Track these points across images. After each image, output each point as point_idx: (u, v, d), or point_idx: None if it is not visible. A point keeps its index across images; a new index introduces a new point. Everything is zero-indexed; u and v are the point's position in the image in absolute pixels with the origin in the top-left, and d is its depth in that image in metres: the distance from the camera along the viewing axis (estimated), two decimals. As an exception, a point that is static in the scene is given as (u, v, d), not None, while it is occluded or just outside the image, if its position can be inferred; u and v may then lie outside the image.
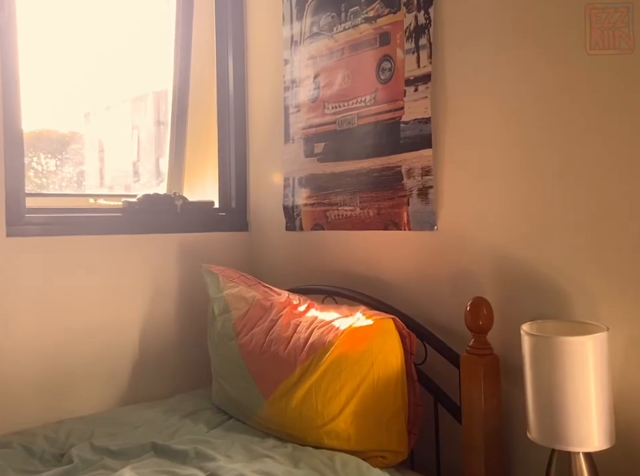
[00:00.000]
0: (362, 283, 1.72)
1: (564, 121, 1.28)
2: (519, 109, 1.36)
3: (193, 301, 2.00)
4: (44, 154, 2.68)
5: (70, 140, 2.81)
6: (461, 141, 1.49)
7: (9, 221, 1.68)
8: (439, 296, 1.53)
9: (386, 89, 1.66)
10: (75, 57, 2.47)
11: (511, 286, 1.38)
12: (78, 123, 2.83)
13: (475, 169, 1.46)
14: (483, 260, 1.43)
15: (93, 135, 2.88)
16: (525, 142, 1.35)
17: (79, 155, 2.83)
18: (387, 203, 1.66)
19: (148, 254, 1.95)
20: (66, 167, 2.76)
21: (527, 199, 1.35)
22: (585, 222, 1.25)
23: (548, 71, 1.31)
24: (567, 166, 1.28)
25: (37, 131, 2.64)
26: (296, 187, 1.98)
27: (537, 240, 1.33)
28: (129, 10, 2.54)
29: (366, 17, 1.71)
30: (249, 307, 1.66)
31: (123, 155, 2.88)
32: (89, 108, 2.81)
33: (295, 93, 1.98)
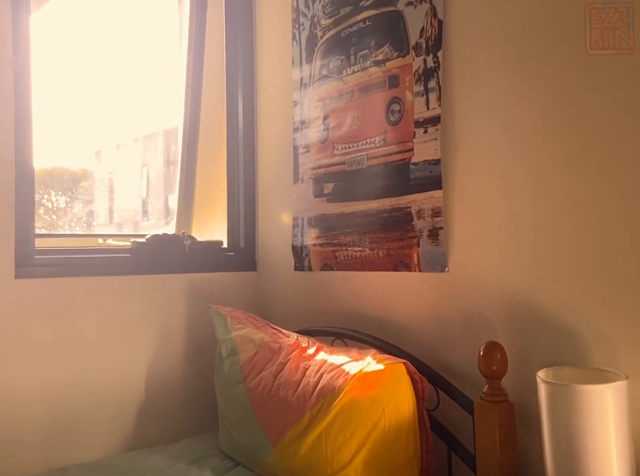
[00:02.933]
0: (372, 324, 1.69)
1: (574, 156, 1.28)
2: (529, 148, 1.36)
3: (200, 343, 1.97)
4: (54, 191, 2.70)
5: (80, 177, 2.83)
6: (471, 182, 1.48)
7: (18, 262, 1.68)
8: (451, 339, 1.50)
9: (395, 131, 1.66)
10: (87, 96, 2.52)
11: (525, 330, 1.35)
12: (89, 161, 2.87)
13: (486, 210, 1.45)
14: (495, 302, 1.41)
15: (104, 173, 2.91)
16: (536, 182, 1.34)
17: (89, 192, 2.85)
18: (397, 244, 1.65)
19: (156, 295, 1.94)
20: (76, 204, 2.78)
21: (540, 240, 1.33)
22: (601, 264, 1.23)
23: (558, 109, 1.30)
24: (579, 207, 1.26)
25: (48, 169, 2.67)
26: (305, 227, 1.98)
27: (551, 282, 1.31)
28: (141, 49, 2.60)
29: (375, 61, 1.73)
30: (257, 349, 1.63)
31: (132, 192, 2.90)
32: (100, 146, 2.84)
33: (305, 133, 1.99)
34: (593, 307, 1.24)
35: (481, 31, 1.46)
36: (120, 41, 2.59)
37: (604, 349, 1.21)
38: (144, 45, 2.62)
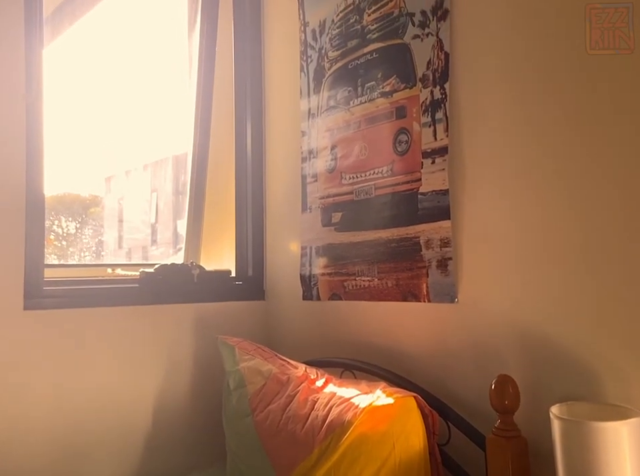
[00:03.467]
0: (381, 355, 1.68)
1: (584, 179, 1.27)
2: (538, 180, 1.35)
3: (208, 374, 1.95)
4: (65, 217, 2.72)
5: (90, 203, 2.86)
6: (480, 212, 1.48)
7: (27, 294, 1.68)
8: (462, 372, 1.48)
9: (403, 161, 1.67)
10: (99, 122, 2.55)
11: (537, 363, 1.33)
12: (99, 187, 2.89)
13: (496, 240, 1.44)
14: (506, 334, 1.39)
15: (113, 198, 2.93)
16: (547, 211, 1.33)
17: (98, 218, 2.87)
18: (406, 274, 1.64)
19: (164, 325, 1.93)
20: (86, 230, 2.80)
21: (552, 271, 1.32)
22: (616, 297, 1.21)
23: (566, 138, 1.30)
24: (591, 236, 1.26)
25: (59, 195, 2.70)
26: (313, 256, 1.97)
27: (564, 315, 1.29)
28: (151, 78, 2.64)
29: (382, 92, 1.74)
30: (265, 381, 1.61)
31: (142, 218, 2.91)
32: (111, 172, 2.87)
33: (312, 163, 2.00)
34: (607, 340, 1.22)
35: (487, 63, 1.47)
36: (130, 69, 2.63)
37: (618, 383, 1.19)
38: (154, 73, 2.66)
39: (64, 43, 2.51)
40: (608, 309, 1.22)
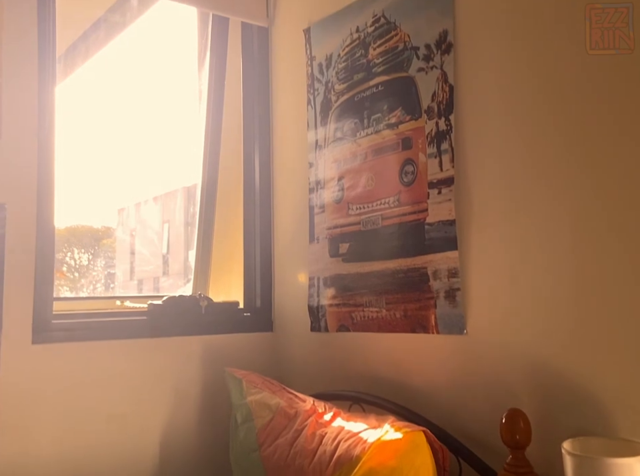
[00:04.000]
0: (390, 388, 1.66)
1: (592, 209, 1.26)
2: (547, 209, 1.35)
3: (215, 407, 1.93)
4: (77, 249, 2.74)
5: (103, 235, 2.88)
6: (487, 243, 1.47)
7: (36, 327, 1.68)
8: (472, 405, 1.46)
9: (409, 191, 1.67)
10: (111, 155, 2.60)
11: (548, 396, 1.31)
12: (111, 218, 2.92)
13: (504, 271, 1.43)
14: (517, 367, 1.37)
15: (125, 230, 2.95)
16: (557, 244, 1.33)
17: (111, 249, 2.89)
18: (414, 305, 1.63)
19: (171, 358, 1.92)
20: (98, 261, 2.82)
21: (563, 304, 1.30)
22: (629, 331, 1.19)
23: (572, 162, 1.30)
24: (602, 268, 1.24)
25: (72, 227, 2.73)
26: (321, 287, 1.97)
27: (575, 347, 1.27)
28: (162, 112, 2.69)
29: (388, 124, 1.76)
30: (273, 415, 1.60)
31: (153, 249, 2.93)
32: (123, 203, 2.90)
33: (320, 194, 2.01)
34: (620, 374, 1.20)
35: (491, 94, 1.49)
36: (142, 103, 2.68)
37: (631, 418, 1.16)
38: (165, 108, 2.71)
39: (77, 79, 2.58)
40: (620, 343, 1.20)
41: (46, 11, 1.74)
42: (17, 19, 1.68)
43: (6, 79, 1.66)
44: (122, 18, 2.57)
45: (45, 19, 1.74)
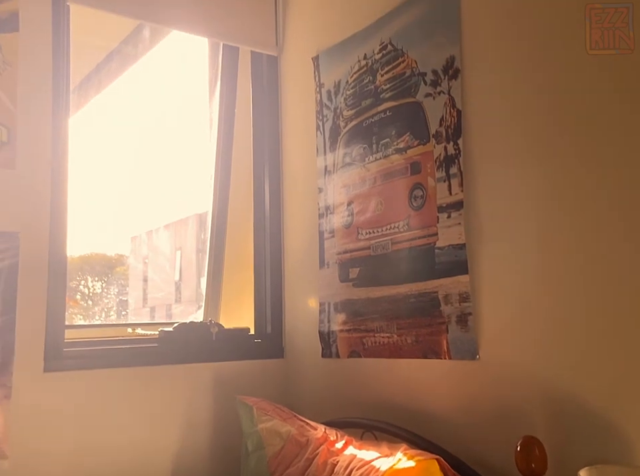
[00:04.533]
0: (402, 415, 1.63)
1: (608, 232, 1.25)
2: (556, 232, 1.34)
3: (227, 434, 1.92)
4: (91, 277, 2.77)
5: (116, 262, 2.90)
6: (499, 266, 1.46)
7: (47, 356, 1.69)
8: (486, 432, 1.43)
9: (419, 216, 1.67)
10: (124, 184, 2.63)
11: (564, 423, 1.28)
12: (124, 246, 2.95)
13: (518, 295, 1.41)
14: (531, 393, 1.35)
15: (138, 257, 2.98)
16: (570, 268, 1.31)
17: (124, 276, 2.91)
18: (425, 330, 1.62)
19: (182, 385, 1.92)
20: (112, 289, 2.84)
21: (578, 328, 1.28)
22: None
23: (586, 179, 1.29)
24: (618, 291, 1.23)
25: (85, 255, 2.75)
26: (331, 312, 1.96)
27: (590, 372, 1.25)
28: (173, 140, 2.73)
29: (396, 148, 1.76)
30: (284, 443, 1.58)
31: (165, 276, 2.94)
32: (136, 231, 2.93)
33: (329, 219, 2.01)
34: (637, 399, 1.17)
35: (498, 119, 1.49)
36: (154, 133, 2.73)
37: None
38: (177, 136, 2.75)
39: (91, 109, 2.63)
40: (637, 368, 1.18)
41: (60, 44, 1.79)
42: (32, 52, 1.72)
43: (21, 110, 1.70)
44: (134, 50, 2.63)
45: (59, 52, 1.78)
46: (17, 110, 1.68)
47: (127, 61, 2.71)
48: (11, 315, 1.66)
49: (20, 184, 1.70)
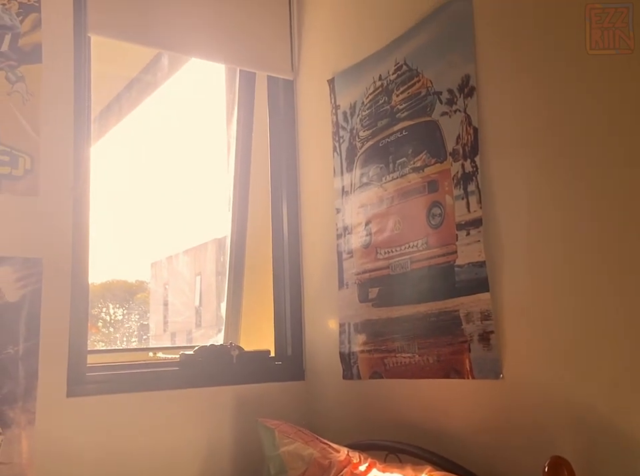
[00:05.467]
0: (426, 436, 1.61)
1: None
2: (580, 245, 1.32)
3: (248, 458, 1.90)
4: (112, 304, 2.79)
5: (137, 289, 2.93)
6: (521, 283, 1.44)
7: (70, 381, 1.70)
8: (512, 453, 1.40)
9: (437, 234, 1.67)
10: (144, 210, 2.67)
11: (592, 442, 1.25)
12: (144, 272, 2.98)
13: (541, 312, 1.39)
14: (557, 412, 1.32)
15: (159, 283, 3.00)
16: (591, 277, 1.29)
17: (144, 303, 2.93)
18: (447, 349, 1.60)
19: (203, 409, 1.91)
20: (132, 316, 2.86)
21: (601, 342, 1.26)
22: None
23: (601, 208, 1.28)
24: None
25: (107, 282, 2.78)
26: (352, 333, 1.95)
27: (618, 391, 1.22)
28: (192, 166, 2.76)
29: (413, 167, 1.77)
30: (306, 467, 1.56)
31: (186, 301, 2.96)
32: (156, 257, 2.96)
33: (348, 239, 2.01)
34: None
35: (516, 135, 1.49)
36: (173, 159, 2.77)
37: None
38: (195, 162, 2.79)
39: (112, 137, 2.68)
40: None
41: (81, 74, 1.83)
42: (54, 82, 1.76)
43: (44, 138, 1.74)
44: (154, 78, 2.69)
45: (80, 82, 1.83)
46: (40, 138, 1.72)
47: (146, 90, 2.77)
48: (34, 340, 1.68)
49: (43, 211, 1.73)
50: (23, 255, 1.68)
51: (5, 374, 1.62)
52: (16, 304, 1.66)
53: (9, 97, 1.67)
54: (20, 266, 1.68)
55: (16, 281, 1.67)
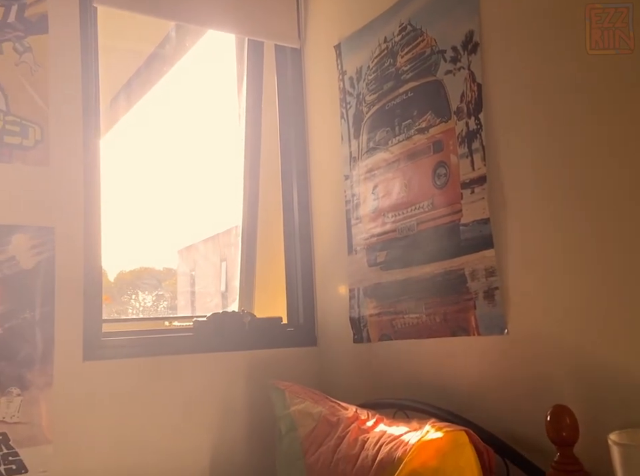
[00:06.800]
0: (433, 393, 1.62)
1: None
2: (583, 200, 1.31)
3: (263, 420, 1.93)
4: (141, 291, 2.85)
5: (165, 276, 2.98)
6: (525, 239, 1.44)
7: (86, 345, 1.75)
8: (517, 406, 1.41)
9: (443, 194, 1.66)
10: (167, 198, 2.70)
11: (595, 391, 1.25)
12: (172, 260, 3.02)
13: (545, 266, 1.38)
14: (560, 363, 1.32)
15: (185, 270, 3.05)
16: (595, 232, 1.28)
17: (172, 289, 2.98)
18: (453, 308, 1.60)
19: (218, 372, 1.95)
20: (161, 302, 2.92)
21: (605, 294, 1.25)
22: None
23: (608, 161, 1.27)
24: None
25: (136, 270, 2.84)
26: (361, 298, 1.96)
27: (620, 338, 1.22)
28: (210, 148, 2.77)
29: (419, 128, 1.76)
30: (315, 424, 1.59)
31: (212, 286, 3.00)
32: (182, 244, 3.00)
33: (356, 205, 2.02)
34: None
35: (519, 90, 1.47)
36: (189, 144, 2.78)
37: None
38: (215, 146, 2.79)
39: (122, 129, 2.69)
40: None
41: (88, 44, 1.86)
42: (61, 52, 1.79)
43: (53, 109, 1.77)
44: (161, 67, 2.70)
45: (87, 51, 1.85)
46: (49, 109, 1.75)
47: (159, 70, 2.78)
48: (50, 306, 1.73)
49: (54, 180, 1.77)
50: (35, 223, 1.72)
51: (22, 338, 1.67)
52: (31, 271, 1.71)
53: (17, 67, 1.70)
54: (34, 234, 1.72)
55: (30, 249, 1.72)
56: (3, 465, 1.60)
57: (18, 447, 1.61)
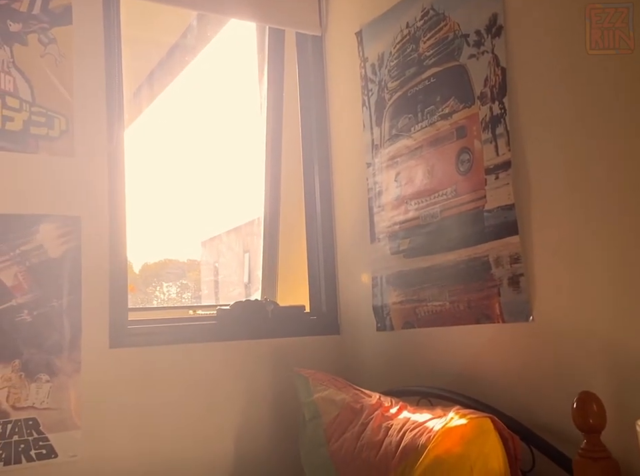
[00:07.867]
0: (458, 381, 1.61)
1: None
2: (611, 186, 1.28)
3: (286, 408, 1.95)
4: (166, 282, 2.89)
5: (189, 267, 3.01)
6: (550, 224, 1.42)
7: (112, 333, 1.77)
8: (543, 393, 1.40)
9: (466, 180, 1.65)
10: (190, 190, 2.71)
11: (622, 377, 1.23)
12: (195, 251, 3.05)
13: (571, 252, 1.36)
14: (587, 349, 1.30)
15: (209, 261, 3.07)
16: (623, 216, 1.26)
17: (196, 280, 3.01)
18: (477, 295, 1.59)
19: (241, 360, 1.97)
20: (185, 293, 2.95)
21: (629, 279, 1.23)
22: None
23: (628, 148, 1.24)
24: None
25: (160, 262, 2.87)
26: (384, 286, 1.95)
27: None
28: (234, 141, 2.77)
29: (442, 114, 1.74)
30: (339, 411, 1.59)
31: (235, 278, 3.02)
32: (205, 236, 3.02)
33: (378, 193, 2.01)
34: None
35: (543, 74, 1.44)
36: (213, 136, 2.78)
37: None
38: (239, 138, 2.79)
39: (146, 120, 2.70)
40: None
41: (112, 35, 1.87)
42: (85, 43, 1.81)
43: (77, 99, 1.79)
44: (183, 57, 2.70)
45: (111, 42, 1.86)
46: (74, 100, 1.77)
47: (183, 59, 2.79)
48: (77, 294, 1.75)
49: (79, 171, 1.79)
50: (62, 213, 1.75)
51: (50, 326, 1.70)
52: (58, 259, 1.74)
53: (42, 59, 1.72)
54: (61, 223, 1.75)
55: (57, 238, 1.74)
56: (33, 450, 1.63)
57: (48, 432, 1.65)
